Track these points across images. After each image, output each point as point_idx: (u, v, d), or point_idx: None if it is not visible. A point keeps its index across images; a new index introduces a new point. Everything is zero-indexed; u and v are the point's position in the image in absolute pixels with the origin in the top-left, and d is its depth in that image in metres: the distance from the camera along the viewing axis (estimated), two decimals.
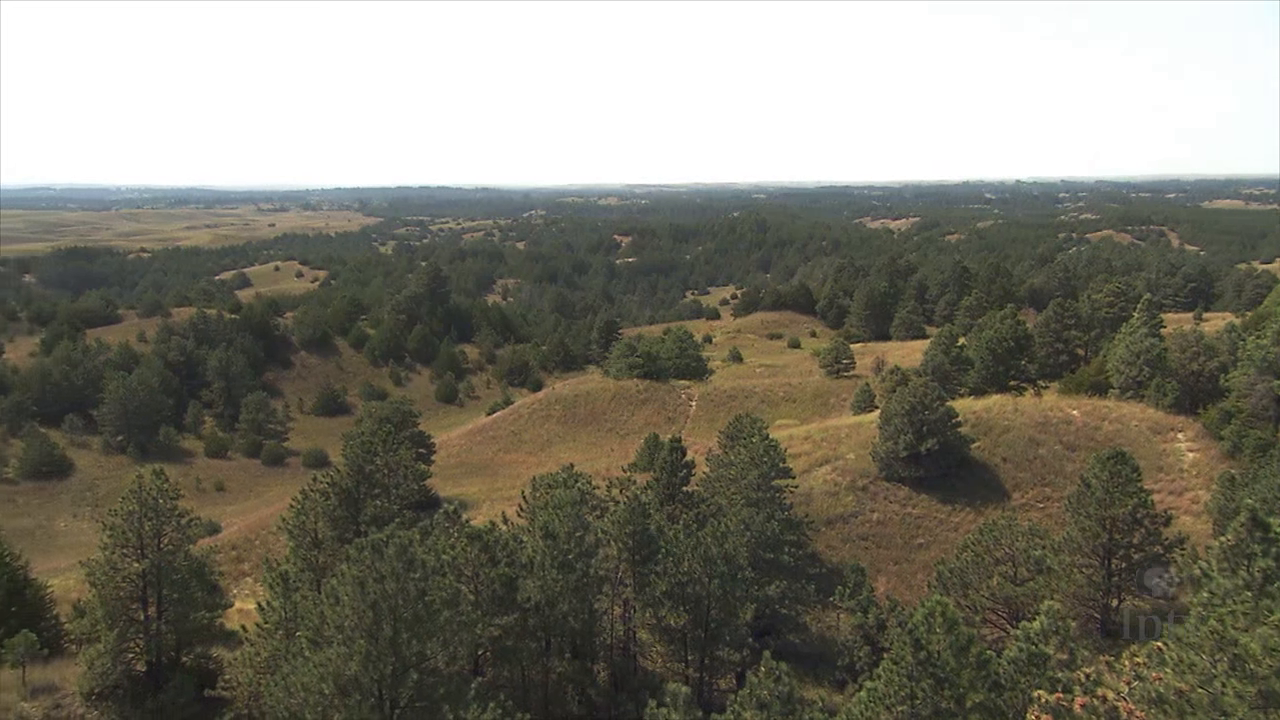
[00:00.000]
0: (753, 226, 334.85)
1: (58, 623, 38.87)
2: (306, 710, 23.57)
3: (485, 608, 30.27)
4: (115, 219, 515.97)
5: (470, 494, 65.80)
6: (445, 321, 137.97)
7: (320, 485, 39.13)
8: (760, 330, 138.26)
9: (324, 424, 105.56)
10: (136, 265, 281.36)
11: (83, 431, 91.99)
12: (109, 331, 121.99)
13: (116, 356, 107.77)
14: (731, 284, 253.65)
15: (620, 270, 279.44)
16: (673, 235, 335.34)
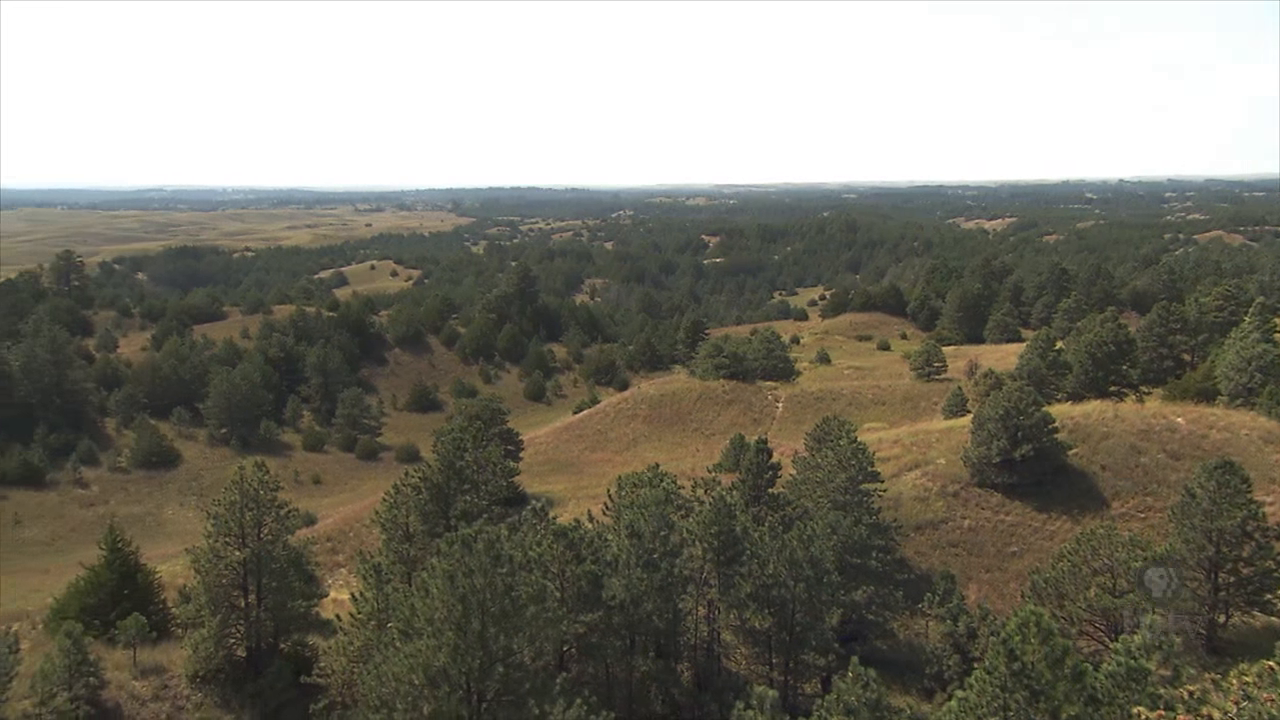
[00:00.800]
0: (842, 227, 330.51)
1: (165, 607, 40.50)
2: (397, 699, 24.14)
3: (571, 604, 30.55)
4: (222, 219, 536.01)
5: (557, 491, 66.48)
6: (534, 321, 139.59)
7: (412, 480, 40.00)
8: (849, 332, 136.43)
9: (416, 420, 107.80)
10: (241, 264, 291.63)
11: (189, 424, 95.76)
12: (214, 328, 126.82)
13: (221, 352, 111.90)
14: (820, 285, 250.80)
15: (708, 270, 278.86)
16: (761, 236, 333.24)
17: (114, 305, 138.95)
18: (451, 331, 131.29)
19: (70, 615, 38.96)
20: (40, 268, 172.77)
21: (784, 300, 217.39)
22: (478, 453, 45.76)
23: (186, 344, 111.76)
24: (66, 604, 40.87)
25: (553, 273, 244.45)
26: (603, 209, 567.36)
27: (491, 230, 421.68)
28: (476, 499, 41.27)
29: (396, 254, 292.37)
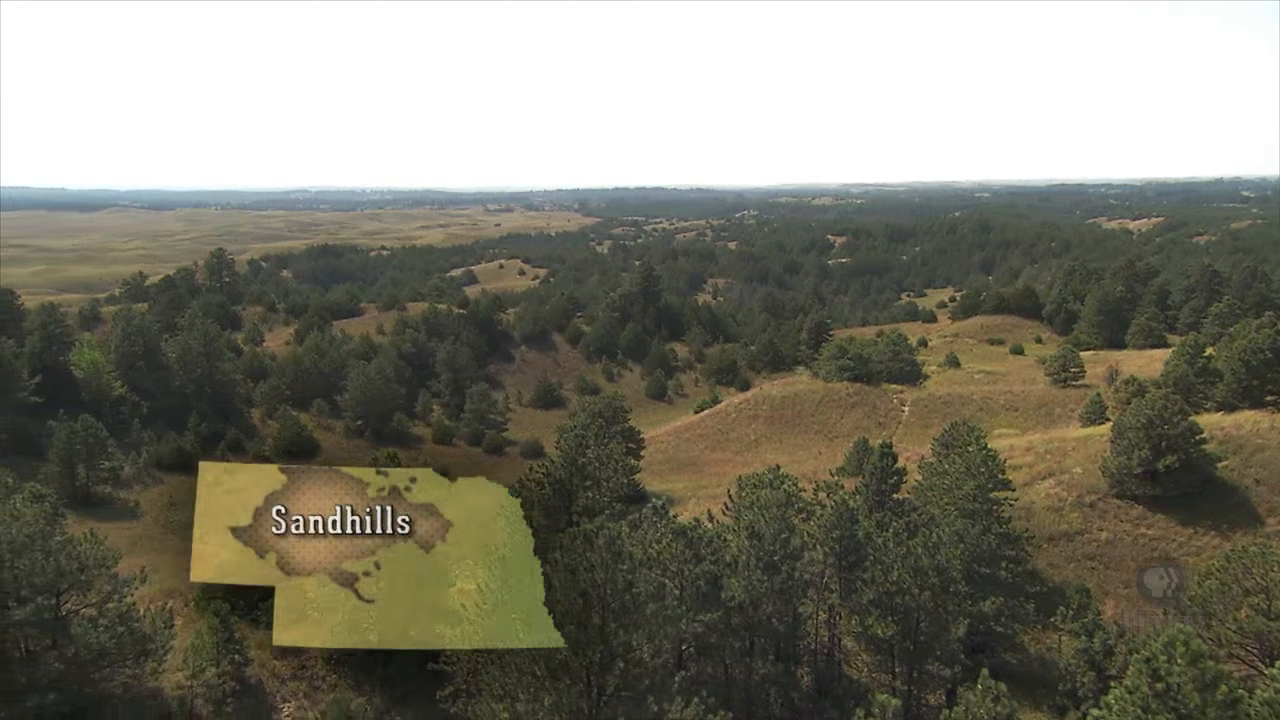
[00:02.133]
0: (974, 227, 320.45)
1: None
2: (520, 690, 24.67)
3: (689, 603, 30.61)
4: (360, 219, 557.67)
5: (677, 490, 66.64)
6: (656, 320, 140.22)
7: (536, 475, 40.82)
8: (980, 335, 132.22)
9: (540, 416, 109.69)
10: (377, 262, 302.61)
11: (328, 415, 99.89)
12: (352, 324, 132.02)
13: (358, 347, 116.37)
14: (950, 286, 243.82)
15: (833, 271, 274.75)
16: (889, 235, 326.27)
17: (261, 301, 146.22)
18: (576, 329, 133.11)
19: (218, 595, 41.23)
20: (195, 265, 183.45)
21: (912, 302, 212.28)
22: (600, 450, 46.30)
23: (326, 339, 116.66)
24: (214, 584, 43.23)
25: (676, 272, 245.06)
26: (727, 209, 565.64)
27: (616, 230, 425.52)
28: (598, 495, 41.78)
29: (524, 253, 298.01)
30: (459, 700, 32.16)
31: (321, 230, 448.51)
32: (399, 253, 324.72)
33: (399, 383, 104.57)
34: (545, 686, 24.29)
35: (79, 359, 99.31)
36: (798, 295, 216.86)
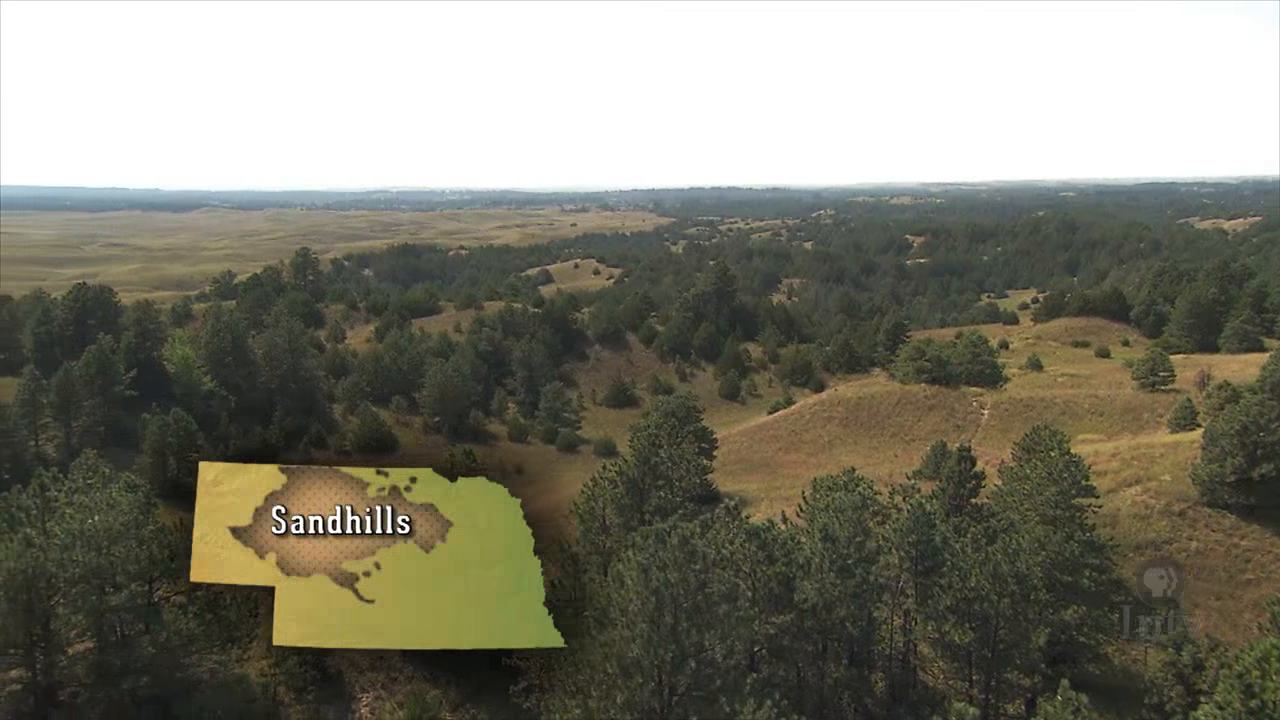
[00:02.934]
0: (1059, 226, 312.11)
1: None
2: (592, 687, 24.85)
3: (762, 605, 30.48)
4: (439, 219, 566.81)
5: (749, 491, 66.33)
6: (730, 320, 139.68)
7: (609, 474, 41.07)
8: (1063, 337, 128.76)
9: (613, 415, 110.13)
10: (456, 261, 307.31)
11: (406, 411, 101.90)
12: (430, 322, 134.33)
13: (436, 345, 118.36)
14: (1033, 288, 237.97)
15: (911, 271, 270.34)
16: (969, 235, 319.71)
17: (343, 299, 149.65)
18: (649, 329, 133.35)
19: None
20: (281, 264, 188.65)
21: (992, 303, 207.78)
22: (672, 449, 46.36)
23: (405, 336, 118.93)
24: None
25: (750, 272, 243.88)
26: (803, 209, 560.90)
27: (691, 230, 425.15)
28: (670, 495, 41.87)
29: (599, 253, 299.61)
30: (532, 696, 32.56)
31: (402, 230, 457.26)
32: (477, 252, 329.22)
33: (475, 380, 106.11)
34: (617, 684, 24.43)
35: (171, 354, 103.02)
36: (874, 296, 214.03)
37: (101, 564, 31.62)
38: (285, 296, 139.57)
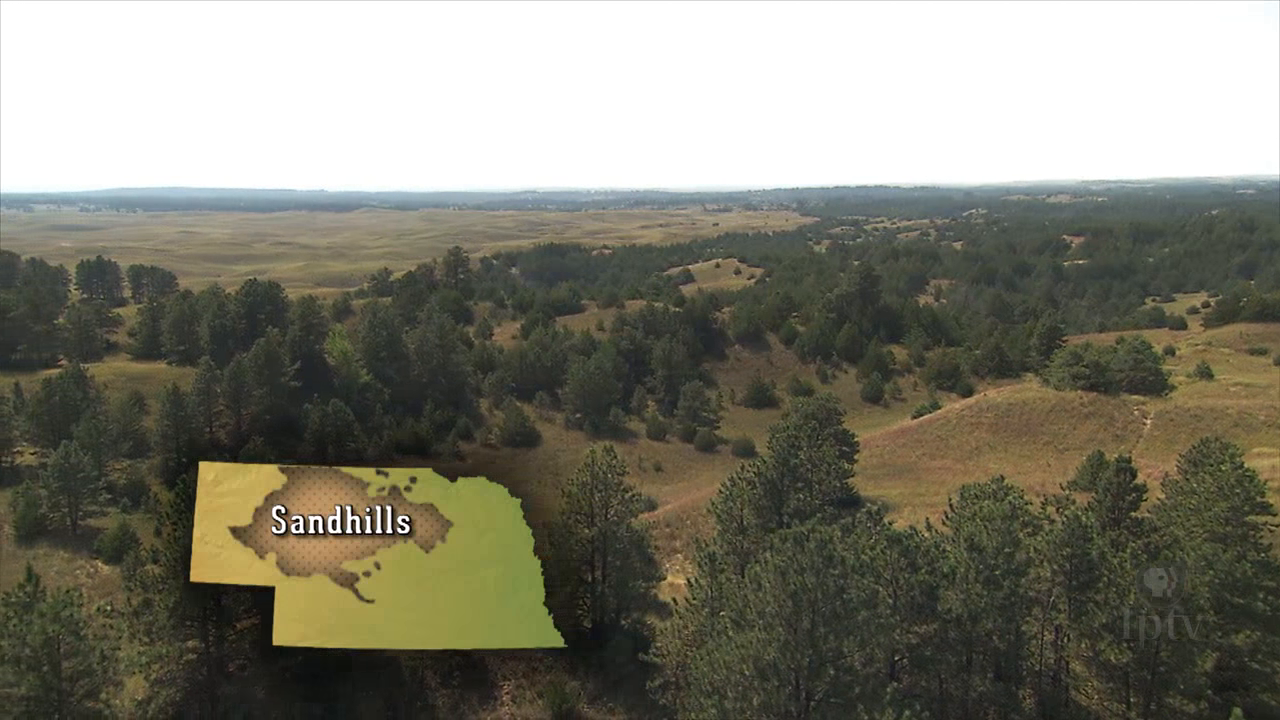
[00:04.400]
0: (1235, 226, 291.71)
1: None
2: (728, 688, 24.85)
3: (903, 613, 29.77)
4: (584, 219, 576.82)
5: (891, 496, 64.85)
6: (874, 321, 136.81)
7: (747, 474, 40.90)
8: (1238, 344, 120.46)
9: (752, 415, 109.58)
10: (599, 261, 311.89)
11: (549, 407, 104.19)
12: (573, 320, 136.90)
13: (578, 342, 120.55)
14: (1203, 291, 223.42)
15: (1068, 273, 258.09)
16: (1133, 235, 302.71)
17: (491, 297, 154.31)
18: (790, 330, 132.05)
19: None
20: (434, 262, 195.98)
21: (1157, 307, 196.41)
22: (812, 451, 45.83)
23: (549, 334, 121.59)
24: None
25: (896, 272, 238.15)
26: (953, 208, 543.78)
27: (835, 229, 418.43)
28: (810, 497, 41.41)
29: (740, 252, 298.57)
30: (668, 692, 32.78)
31: (548, 229, 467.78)
32: (619, 251, 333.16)
33: (616, 378, 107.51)
34: (753, 686, 24.35)
35: (332, 348, 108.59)
36: (1028, 298, 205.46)
37: None
38: (437, 294, 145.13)
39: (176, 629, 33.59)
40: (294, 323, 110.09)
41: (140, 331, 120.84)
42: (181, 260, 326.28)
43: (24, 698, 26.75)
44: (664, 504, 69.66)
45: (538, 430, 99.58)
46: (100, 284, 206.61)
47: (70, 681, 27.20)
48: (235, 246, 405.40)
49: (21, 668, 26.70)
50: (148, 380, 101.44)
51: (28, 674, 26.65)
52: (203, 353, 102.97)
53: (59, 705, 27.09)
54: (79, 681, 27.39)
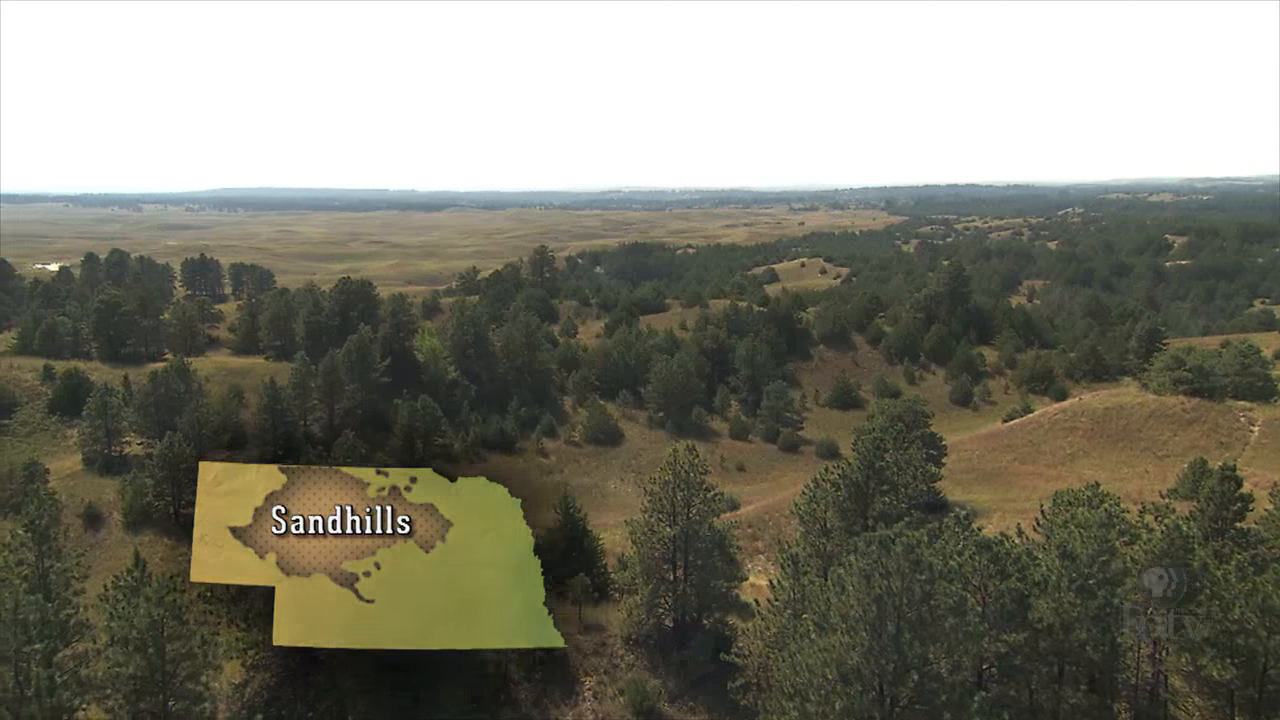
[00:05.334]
0: None
1: (606, 571, 44.73)
2: (810, 691, 24.63)
3: (992, 621, 29.08)
4: (668, 218, 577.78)
5: (980, 501, 63.42)
6: (964, 322, 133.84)
7: (831, 476, 40.44)
8: None
9: (836, 416, 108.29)
10: (683, 260, 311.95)
11: (632, 406, 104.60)
12: (657, 319, 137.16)
13: (662, 342, 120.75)
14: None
15: (1170, 274, 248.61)
16: (1241, 235, 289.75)
17: (575, 295, 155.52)
18: (877, 330, 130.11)
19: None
20: (521, 261, 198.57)
21: (1268, 310, 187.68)
22: (898, 454, 45.08)
23: (633, 333, 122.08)
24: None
25: (987, 273, 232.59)
26: (1048, 206, 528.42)
27: (924, 229, 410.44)
28: (895, 501, 40.74)
29: (826, 252, 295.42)
30: (749, 693, 32.64)
31: (633, 229, 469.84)
32: (704, 251, 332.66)
33: (699, 377, 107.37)
34: (836, 690, 24.09)
35: (421, 345, 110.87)
36: (1126, 299, 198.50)
37: None
38: (523, 292, 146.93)
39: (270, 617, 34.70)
40: (385, 320, 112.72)
41: (240, 327, 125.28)
42: (279, 258, 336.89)
43: (132, 677, 27.96)
44: (746, 504, 69.36)
45: (620, 429, 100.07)
46: (203, 281, 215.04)
47: (173, 664, 28.32)
48: (330, 245, 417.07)
49: (129, 649, 27.92)
50: (246, 374, 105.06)
51: (134, 654, 27.86)
52: (298, 348, 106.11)
53: (163, 685, 28.25)
54: (181, 664, 28.50)
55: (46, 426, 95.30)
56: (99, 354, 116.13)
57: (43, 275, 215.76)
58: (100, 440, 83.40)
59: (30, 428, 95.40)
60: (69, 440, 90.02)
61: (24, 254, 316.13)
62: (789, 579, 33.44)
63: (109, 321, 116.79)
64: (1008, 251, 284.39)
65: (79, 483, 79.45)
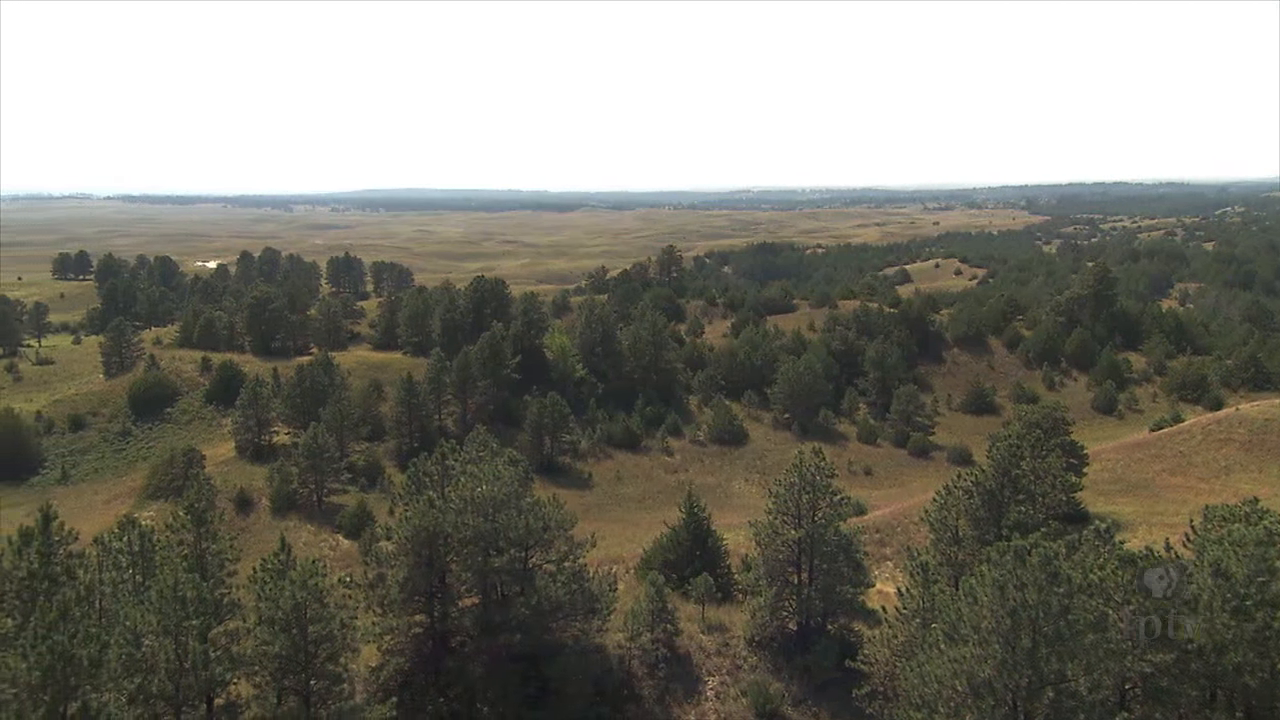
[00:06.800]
0: None
1: (729, 572, 44.64)
2: (939, 703, 23.99)
3: (1136, 639, 27.67)
4: (798, 218, 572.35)
5: (1124, 514, 60.47)
6: (1109, 326, 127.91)
7: (964, 483, 39.29)
8: None
9: (970, 422, 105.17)
10: (812, 260, 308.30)
11: (757, 406, 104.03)
12: (785, 319, 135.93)
13: (789, 342, 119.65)
14: None
15: None
16: None
17: (702, 295, 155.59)
18: (1014, 333, 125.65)
19: (654, 566, 44.78)
20: (648, 260, 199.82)
21: None
22: (1036, 462, 43.45)
23: (760, 333, 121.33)
24: (652, 556, 47.02)
25: (1135, 275, 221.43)
26: (1204, 205, 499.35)
27: (1067, 229, 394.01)
28: (1032, 510, 39.34)
29: (961, 252, 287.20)
30: (875, 701, 32.01)
31: (761, 229, 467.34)
32: (833, 250, 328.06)
33: (826, 379, 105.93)
34: (966, 703, 23.39)
35: (550, 343, 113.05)
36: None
37: (487, 529, 35.41)
38: (650, 292, 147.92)
39: (406, 603, 36.00)
40: (516, 318, 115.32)
41: (379, 323, 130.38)
42: (418, 257, 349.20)
43: (277, 655, 29.47)
44: (874, 509, 68.07)
45: (745, 429, 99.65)
46: (347, 278, 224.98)
47: (315, 645, 29.66)
48: (466, 244, 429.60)
49: (275, 628, 29.41)
50: (385, 369, 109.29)
51: (280, 634, 29.33)
52: (434, 344, 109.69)
53: (305, 665, 29.63)
54: (322, 645, 29.83)
55: (204, 415, 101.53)
56: (251, 347, 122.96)
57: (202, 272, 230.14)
58: (251, 429, 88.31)
59: (190, 416, 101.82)
60: (223, 428, 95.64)
61: (187, 252, 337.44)
62: (918, 587, 32.63)
63: (260, 316, 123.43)
64: (1158, 252, 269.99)
65: (232, 469, 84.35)
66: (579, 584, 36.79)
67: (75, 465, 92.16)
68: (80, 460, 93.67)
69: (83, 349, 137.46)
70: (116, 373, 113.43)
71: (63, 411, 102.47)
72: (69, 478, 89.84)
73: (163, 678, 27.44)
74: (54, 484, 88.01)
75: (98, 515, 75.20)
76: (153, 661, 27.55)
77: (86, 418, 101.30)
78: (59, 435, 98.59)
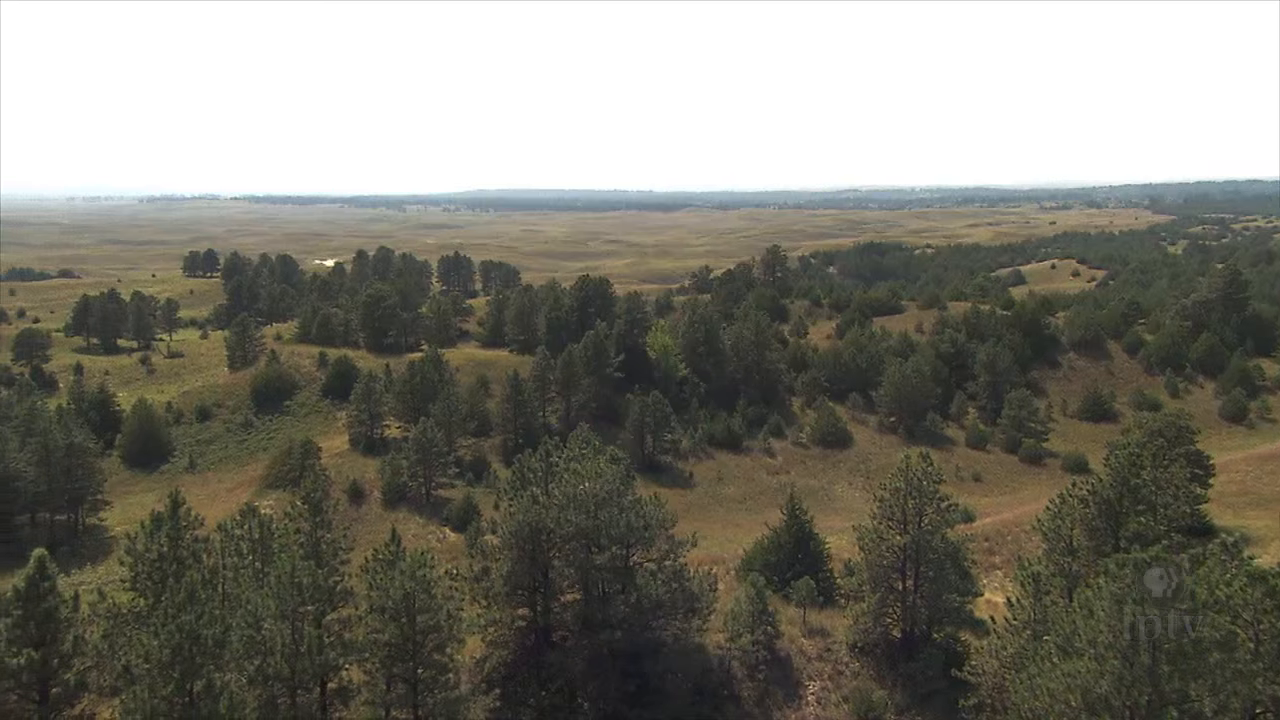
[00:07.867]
0: None
1: (832, 576, 44.09)
2: (1051, 717, 23.24)
3: (1268, 660, 26.27)
4: (907, 217, 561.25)
5: (1254, 528, 57.40)
6: (1239, 331, 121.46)
7: (1079, 492, 37.93)
8: None
9: (1086, 429, 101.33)
10: (921, 260, 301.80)
11: (862, 409, 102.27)
12: (891, 320, 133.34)
13: (896, 344, 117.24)
14: None
15: None
16: None
17: (807, 295, 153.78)
18: (1135, 338, 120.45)
19: (755, 567, 44.54)
20: (753, 260, 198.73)
21: None
22: (1158, 472, 41.58)
23: (866, 334, 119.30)
24: (753, 557, 46.78)
25: (1270, 277, 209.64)
26: None
27: (1194, 229, 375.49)
28: (1153, 522, 37.66)
29: (1079, 253, 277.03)
30: (982, 714, 31.20)
31: (868, 228, 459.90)
32: (943, 251, 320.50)
33: (935, 382, 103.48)
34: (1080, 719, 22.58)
35: (653, 342, 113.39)
36: None
37: (589, 525, 35.81)
38: (754, 292, 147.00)
39: (509, 596, 36.69)
40: (620, 317, 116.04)
41: (487, 321, 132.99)
42: (525, 256, 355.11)
43: (387, 643, 30.44)
44: (982, 517, 66.24)
45: (849, 432, 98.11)
46: (456, 277, 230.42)
47: (422, 634, 30.53)
48: (571, 244, 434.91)
49: (385, 617, 30.38)
50: (492, 366, 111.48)
51: (390, 623, 30.28)
52: (539, 342, 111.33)
53: (413, 654, 30.51)
54: (429, 635, 30.68)
55: (320, 409, 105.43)
56: (365, 343, 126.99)
57: (320, 270, 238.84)
58: (364, 423, 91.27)
59: (307, 409, 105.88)
60: (338, 421, 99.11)
61: (306, 251, 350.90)
62: (1029, 598, 31.64)
63: (374, 314, 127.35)
64: None
65: (345, 461, 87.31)
66: (679, 583, 36.87)
67: (201, 454, 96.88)
68: (206, 449, 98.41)
69: (209, 343, 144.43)
70: (240, 366, 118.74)
71: (190, 403, 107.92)
72: (195, 466, 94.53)
73: (279, 660, 28.61)
74: (182, 472, 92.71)
75: (221, 503, 78.82)
76: (271, 644, 28.77)
77: (212, 409, 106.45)
78: (187, 425, 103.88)
